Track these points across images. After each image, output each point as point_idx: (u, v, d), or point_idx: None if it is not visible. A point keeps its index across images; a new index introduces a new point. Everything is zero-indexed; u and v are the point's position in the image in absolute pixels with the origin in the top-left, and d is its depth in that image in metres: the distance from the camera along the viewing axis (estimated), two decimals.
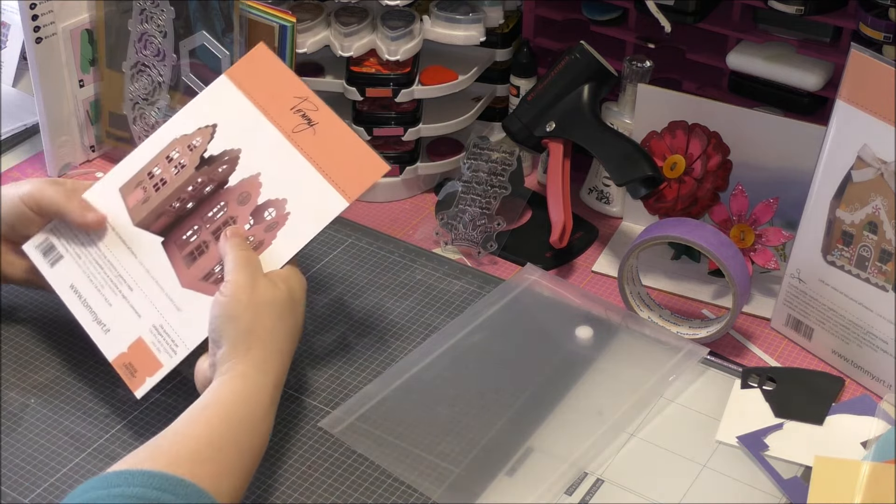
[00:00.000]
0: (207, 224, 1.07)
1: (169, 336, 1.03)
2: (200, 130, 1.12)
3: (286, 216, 1.06)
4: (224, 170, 1.09)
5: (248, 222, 1.06)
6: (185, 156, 1.11)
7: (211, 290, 1.02)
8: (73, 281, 1.10)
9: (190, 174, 1.10)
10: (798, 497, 0.99)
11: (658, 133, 1.28)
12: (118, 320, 1.06)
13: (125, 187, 1.12)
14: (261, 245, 1.05)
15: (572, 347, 1.16)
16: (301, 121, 1.09)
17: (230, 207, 1.07)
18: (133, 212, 1.10)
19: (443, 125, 1.39)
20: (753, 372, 1.13)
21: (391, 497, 1.00)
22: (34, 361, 1.13)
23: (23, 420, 1.06)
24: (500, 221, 1.30)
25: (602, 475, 1.02)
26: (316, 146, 1.08)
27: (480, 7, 1.38)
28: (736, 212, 1.24)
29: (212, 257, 1.05)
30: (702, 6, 1.28)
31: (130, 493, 0.83)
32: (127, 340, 1.05)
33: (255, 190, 1.07)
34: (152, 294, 1.06)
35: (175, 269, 1.06)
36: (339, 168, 1.06)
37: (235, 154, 1.09)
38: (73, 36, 1.37)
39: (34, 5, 1.31)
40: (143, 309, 1.06)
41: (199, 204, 1.08)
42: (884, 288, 1.10)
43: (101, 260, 1.09)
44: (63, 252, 1.11)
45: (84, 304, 1.08)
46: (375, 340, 1.17)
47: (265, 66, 1.13)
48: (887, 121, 1.06)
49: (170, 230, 1.08)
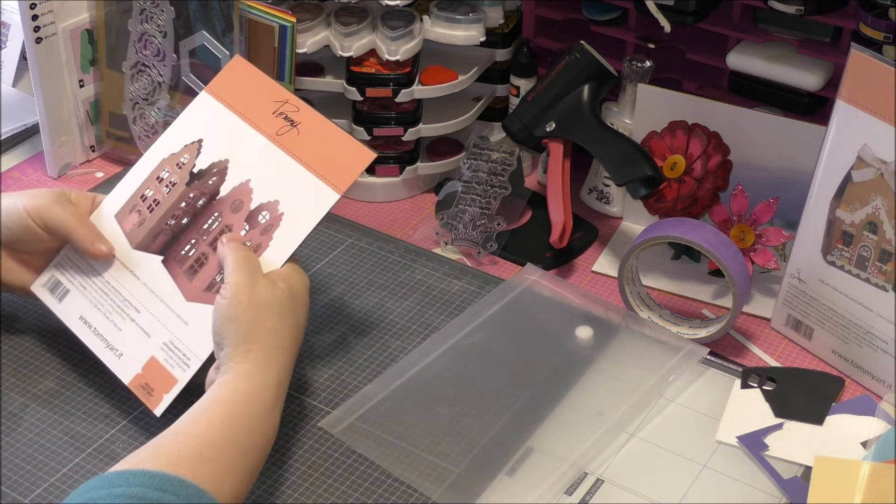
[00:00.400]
0: (204, 236, 1.08)
1: (180, 351, 1.04)
2: (187, 147, 1.13)
3: (280, 216, 1.06)
4: (214, 182, 1.10)
5: (243, 228, 1.07)
6: (175, 174, 1.12)
7: (214, 299, 1.02)
8: (82, 312, 1.11)
9: (181, 191, 1.11)
10: (798, 497, 0.99)
11: (658, 133, 1.28)
12: (129, 343, 1.07)
13: (120, 213, 1.13)
14: (259, 248, 1.05)
15: (572, 347, 1.16)
16: (284, 123, 1.09)
17: (224, 217, 1.08)
18: (130, 236, 1.11)
19: (443, 125, 1.39)
20: (753, 372, 1.13)
21: (391, 497, 1.00)
22: (34, 362, 1.13)
23: (23, 420, 1.06)
24: (500, 221, 1.30)
25: (602, 475, 1.02)
26: (301, 145, 1.08)
27: (480, 7, 1.38)
28: (736, 212, 1.24)
29: (212, 268, 1.06)
30: (702, 6, 1.28)
31: (131, 493, 0.83)
32: (140, 361, 1.06)
33: (246, 196, 1.08)
34: (159, 313, 1.07)
35: (178, 285, 1.07)
36: (326, 162, 1.07)
37: (223, 165, 1.10)
38: (73, 36, 1.37)
39: (34, 5, 1.31)
40: (151, 329, 1.07)
41: (194, 218, 1.09)
42: (884, 288, 1.10)
43: (105, 287, 1.10)
44: (69, 286, 1.12)
45: (95, 333, 1.09)
46: (375, 340, 1.17)
47: (243, 77, 1.14)
48: (887, 121, 1.06)
49: (168, 248, 1.09)
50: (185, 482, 0.86)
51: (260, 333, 0.98)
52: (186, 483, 0.85)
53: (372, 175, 1.40)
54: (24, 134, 1.49)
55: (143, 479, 0.84)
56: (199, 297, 1.06)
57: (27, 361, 1.13)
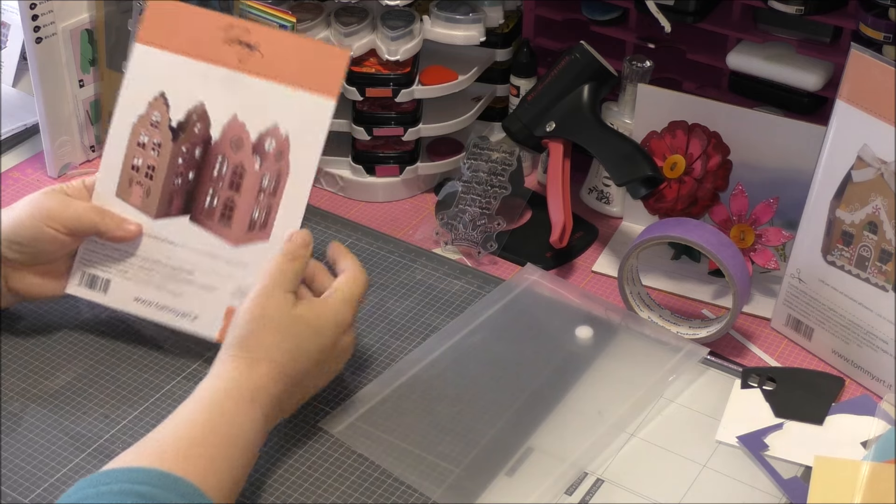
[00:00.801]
0: (220, 183, 1.07)
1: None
2: (152, 104, 1.10)
3: (286, 139, 1.06)
4: (200, 128, 1.08)
5: (255, 163, 1.06)
6: (155, 135, 1.10)
7: (261, 235, 1.03)
8: (136, 294, 1.11)
9: (171, 149, 1.09)
10: (798, 497, 0.99)
11: (658, 133, 1.28)
12: (198, 304, 1.08)
13: (120, 191, 1.11)
14: (280, 175, 1.05)
15: (572, 347, 1.16)
16: (241, 49, 1.07)
17: (230, 158, 1.07)
18: (144, 208, 1.10)
19: (443, 125, 1.39)
20: (753, 372, 1.13)
21: (391, 497, 1.00)
22: (34, 362, 1.13)
23: (23, 420, 1.06)
24: (500, 221, 1.30)
25: (602, 475, 1.02)
26: (271, 65, 1.07)
27: (480, 7, 1.38)
28: (736, 212, 1.24)
29: (243, 209, 1.06)
30: (702, 6, 1.28)
31: (118, 490, 0.84)
32: (218, 315, 1.07)
33: (242, 131, 1.07)
34: (213, 267, 1.07)
35: (218, 236, 1.07)
36: (305, 74, 1.06)
37: (201, 109, 1.08)
38: (73, 36, 1.37)
39: (34, 5, 1.31)
40: (213, 283, 1.07)
41: (200, 170, 1.08)
42: (884, 288, 1.10)
43: (146, 264, 1.10)
44: (108, 276, 1.11)
45: (159, 308, 1.09)
46: (375, 340, 1.17)
47: (173, 16, 1.10)
48: (887, 121, 1.06)
49: (189, 206, 1.08)
50: (169, 475, 0.87)
51: (252, 343, 0.98)
52: (170, 476, 0.87)
53: (372, 175, 1.40)
54: (24, 134, 1.49)
55: (128, 475, 0.86)
56: (245, 238, 1.06)
57: (27, 362, 1.13)
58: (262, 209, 1.08)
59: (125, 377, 1.11)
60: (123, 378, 1.11)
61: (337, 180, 1.41)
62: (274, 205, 1.08)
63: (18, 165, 1.45)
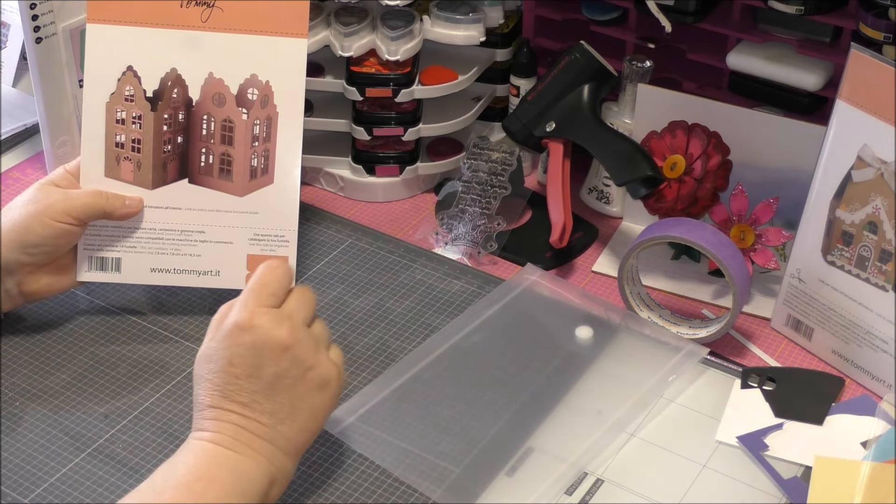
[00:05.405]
0: (211, 140, 1.08)
1: (270, 234, 1.07)
2: (122, 81, 1.11)
3: (268, 85, 1.07)
4: (178, 92, 1.09)
5: (242, 114, 1.07)
6: (132, 109, 1.10)
7: (265, 180, 1.05)
8: (150, 265, 1.12)
9: (153, 118, 1.10)
10: (798, 497, 0.99)
11: (658, 133, 1.28)
12: (218, 259, 1.10)
13: (109, 171, 1.12)
14: (271, 120, 1.06)
15: (572, 347, 1.16)
16: (201, 8, 1.08)
17: (215, 114, 1.08)
18: (138, 181, 1.11)
19: (443, 125, 1.39)
20: (753, 372, 1.13)
21: (391, 497, 1.00)
22: (34, 362, 1.13)
23: (23, 420, 1.06)
24: (500, 221, 1.30)
25: (602, 475, 1.02)
26: (235, 19, 1.08)
27: (480, 7, 1.38)
28: (736, 212, 1.24)
29: (241, 160, 1.08)
30: (702, 6, 1.28)
31: None
32: (241, 264, 1.09)
33: (221, 87, 1.08)
34: (224, 220, 1.09)
35: (223, 190, 1.09)
36: (271, 20, 1.07)
37: (174, 74, 1.09)
38: (73, 36, 1.37)
39: (34, 5, 1.31)
40: (228, 236, 1.09)
41: (188, 132, 1.09)
42: (884, 288, 1.10)
43: (154, 235, 1.11)
44: (117, 255, 1.12)
45: (178, 272, 1.11)
46: (375, 340, 1.17)
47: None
48: (887, 121, 1.06)
49: (185, 170, 1.09)
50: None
51: (210, 373, 0.93)
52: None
53: (372, 175, 1.40)
54: (24, 134, 1.49)
55: None
56: (250, 187, 1.08)
57: (27, 361, 1.13)
58: (259, 156, 1.09)
59: (125, 377, 1.11)
60: (123, 378, 1.11)
61: (337, 180, 1.41)
62: (271, 149, 1.10)
63: (18, 165, 1.45)
